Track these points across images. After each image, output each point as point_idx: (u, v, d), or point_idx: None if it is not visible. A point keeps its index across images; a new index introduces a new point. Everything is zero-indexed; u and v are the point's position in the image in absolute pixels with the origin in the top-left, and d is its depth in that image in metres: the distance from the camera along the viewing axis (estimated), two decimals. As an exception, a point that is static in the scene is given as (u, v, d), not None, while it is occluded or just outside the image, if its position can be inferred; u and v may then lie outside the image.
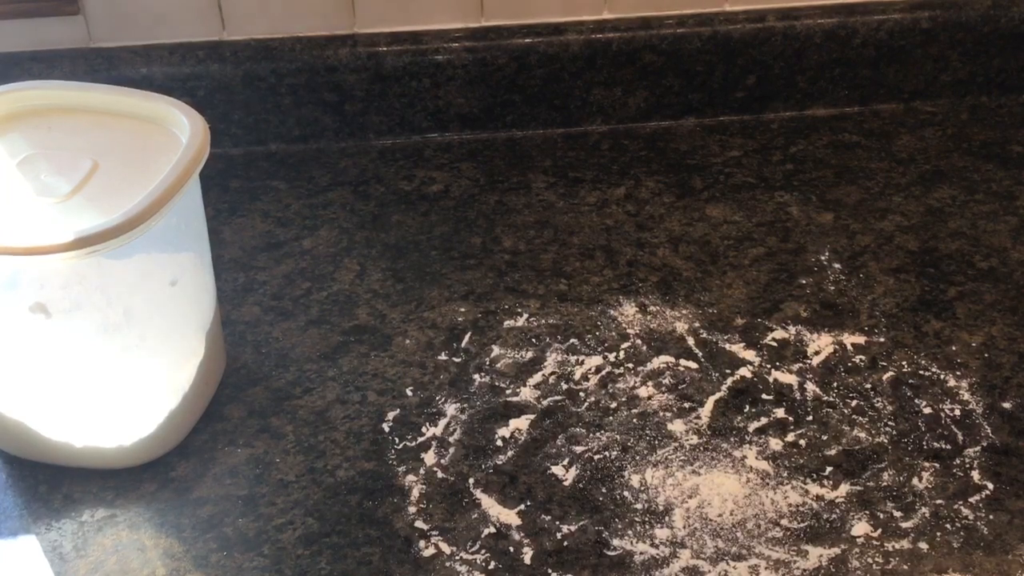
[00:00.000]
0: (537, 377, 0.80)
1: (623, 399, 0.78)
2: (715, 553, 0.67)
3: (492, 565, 0.67)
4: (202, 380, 0.76)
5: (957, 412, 0.76)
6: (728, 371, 0.80)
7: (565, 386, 0.79)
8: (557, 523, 0.70)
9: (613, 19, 1.02)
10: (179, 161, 0.68)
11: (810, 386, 0.79)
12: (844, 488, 0.71)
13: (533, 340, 0.83)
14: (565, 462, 0.74)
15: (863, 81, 1.06)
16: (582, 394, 0.78)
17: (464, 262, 0.90)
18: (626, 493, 0.71)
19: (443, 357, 0.82)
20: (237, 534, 0.70)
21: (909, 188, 0.98)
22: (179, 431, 0.75)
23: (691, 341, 0.82)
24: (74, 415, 0.71)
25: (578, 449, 0.74)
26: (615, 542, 0.68)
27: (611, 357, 0.81)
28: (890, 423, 0.76)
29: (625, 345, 0.82)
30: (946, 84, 1.07)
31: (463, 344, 0.83)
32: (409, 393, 0.79)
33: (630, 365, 0.81)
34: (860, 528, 0.69)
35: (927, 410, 0.76)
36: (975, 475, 0.72)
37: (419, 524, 0.70)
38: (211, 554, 0.68)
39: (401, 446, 0.75)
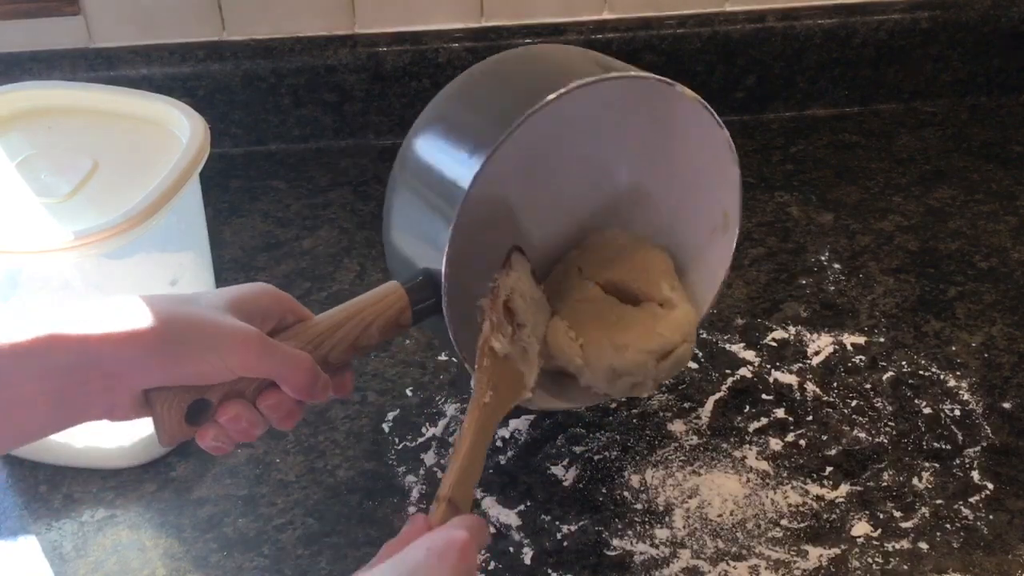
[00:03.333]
0: (537, 377, 0.80)
1: (623, 399, 0.77)
2: (715, 553, 0.67)
3: (492, 565, 0.67)
4: (202, 380, 0.76)
5: (957, 412, 0.76)
6: (728, 371, 0.80)
7: (565, 386, 0.79)
8: (557, 523, 0.70)
9: (613, 19, 1.02)
10: (179, 161, 0.68)
11: (810, 386, 0.79)
12: (844, 488, 0.71)
13: (533, 340, 0.83)
14: (565, 462, 0.74)
15: (863, 81, 1.06)
16: (582, 394, 0.78)
17: (464, 262, 0.90)
18: (626, 493, 0.71)
19: (443, 357, 0.81)
20: (237, 534, 0.70)
21: (909, 188, 0.97)
22: (179, 431, 0.75)
23: (691, 341, 0.82)
24: (74, 415, 0.71)
25: (578, 449, 0.74)
26: (615, 542, 0.68)
27: (611, 357, 0.81)
28: (890, 423, 0.76)
29: (625, 345, 0.82)
30: (946, 84, 1.07)
31: (463, 344, 0.82)
32: (409, 393, 0.79)
33: (630, 365, 0.80)
34: (860, 528, 0.69)
35: (927, 410, 0.76)
36: (975, 475, 0.72)
37: (419, 524, 0.70)
38: (211, 554, 0.68)
39: (401, 446, 0.75)
